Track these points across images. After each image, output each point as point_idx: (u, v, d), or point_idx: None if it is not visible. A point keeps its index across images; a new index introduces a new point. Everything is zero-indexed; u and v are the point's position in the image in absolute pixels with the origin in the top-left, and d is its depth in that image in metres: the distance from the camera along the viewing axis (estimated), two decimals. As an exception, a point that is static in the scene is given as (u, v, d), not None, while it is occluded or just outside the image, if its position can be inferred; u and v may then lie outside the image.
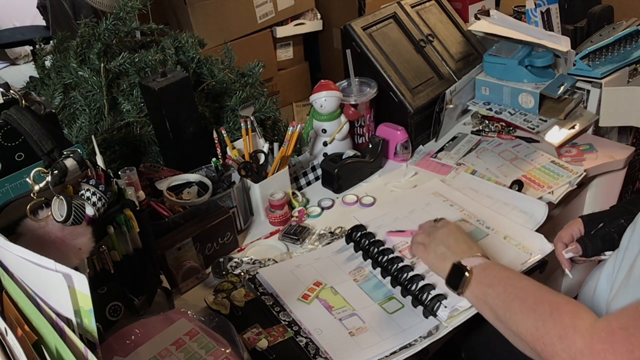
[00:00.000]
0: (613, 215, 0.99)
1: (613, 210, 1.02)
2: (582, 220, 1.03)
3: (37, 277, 0.63)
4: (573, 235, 1.02)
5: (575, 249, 0.99)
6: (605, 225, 0.98)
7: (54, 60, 1.47)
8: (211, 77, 1.48)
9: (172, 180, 1.21)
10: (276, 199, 1.22)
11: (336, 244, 1.16)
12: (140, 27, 1.56)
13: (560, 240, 1.03)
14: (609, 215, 1.01)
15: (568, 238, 1.02)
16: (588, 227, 1.01)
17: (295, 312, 0.99)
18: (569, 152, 1.37)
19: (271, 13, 2.60)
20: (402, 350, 0.91)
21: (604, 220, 0.99)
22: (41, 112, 0.91)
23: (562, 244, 1.02)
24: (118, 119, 1.35)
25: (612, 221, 0.98)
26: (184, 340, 0.82)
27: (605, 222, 0.99)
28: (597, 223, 1.00)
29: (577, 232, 1.02)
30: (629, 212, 0.97)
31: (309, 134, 1.41)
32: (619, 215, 0.98)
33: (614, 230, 0.96)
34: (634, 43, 1.48)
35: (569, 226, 1.03)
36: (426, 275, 1.03)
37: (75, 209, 0.74)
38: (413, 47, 1.50)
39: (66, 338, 0.59)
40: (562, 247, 1.01)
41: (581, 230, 1.01)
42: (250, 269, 1.10)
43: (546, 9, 1.58)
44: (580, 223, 1.02)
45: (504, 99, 1.46)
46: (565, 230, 1.03)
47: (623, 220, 0.96)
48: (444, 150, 1.44)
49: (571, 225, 1.03)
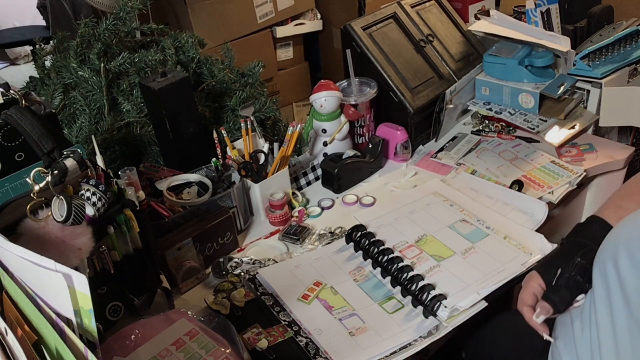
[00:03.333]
0: (566, 256, 0.90)
1: (565, 250, 0.91)
2: (538, 273, 0.92)
3: (37, 277, 0.63)
4: (535, 293, 0.90)
5: (544, 310, 0.87)
6: (564, 271, 0.88)
7: (54, 60, 1.47)
8: (211, 77, 1.48)
9: (172, 180, 1.21)
10: (276, 199, 1.22)
11: (336, 244, 1.16)
12: (140, 27, 1.56)
13: (524, 304, 0.91)
14: (563, 257, 0.90)
15: (531, 299, 0.90)
16: (546, 278, 0.90)
17: (295, 312, 0.99)
18: (569, 152, 1.37)
19: (271, 13, 2.60)
20: (402, 350, 0.91)
21: (561, 265, 0.89)
22: (41, 112, 0.91)
23: (527, 308, 0.90)
24: (118, 119, 1.35)
25: (568, 264, 0.88)
26: (184, 341, 0.82)
27: (562, 266, 0.89)
28: (555, 270, 0.89)
29: (538, 288, 0.91)
30: (581, 245, 0.89)
31: (309, 134, 1.41)
32: (572, 253, 0.89)
33: (574, 273, 0.87)
34: (634, 43, 1.48)
35: (527, 284, 0.92)
36: (426, 275, 1.03)
37: (75, 209, 0.74)
38: (413, 47, 1.50)
39: (66, 338, 0.59)
40: (530, 311, 0.90)
41: (541, 285, 0.90)
42: (250, 269, 1.10)
43: (546, 9, 1.59)
44: (538, 276, 0.91)
45: (504, 99, 1.46)
46: (525, 291, 0.92)
47: (579, 258, 0.87)
48: (444, 150, 1.44)
49: (529, 282, 0.92)
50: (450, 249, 1.10)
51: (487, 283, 1.00)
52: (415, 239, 1.13)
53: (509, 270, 1.03)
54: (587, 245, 0.88)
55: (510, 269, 1.03)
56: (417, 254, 1.09)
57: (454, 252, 1.09)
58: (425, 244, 1.12)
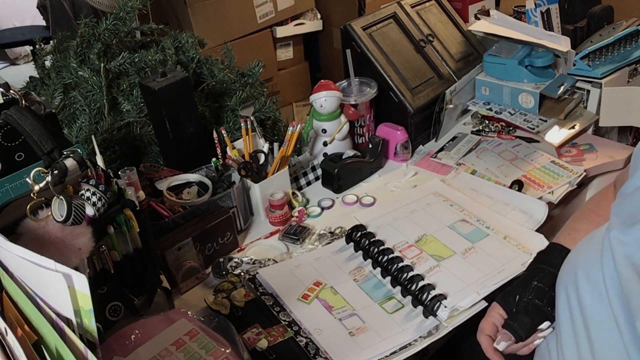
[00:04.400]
0: (524, 282, 0.89)
1: (523, 277, 0.91)
2: (498, 303, 0.90)
3: (37, 277, 0.63)
4: (495, 323, 0.89)
5: (504, 337, 0.85)
6: (521, 296, 0.87)
7: (54, 60, 1.47)
8: (211, 77, 1.48)
9: (172, 180, 1.21)
10: (276, 199, 1.22)
11: (336, 244, 1.16)
12: (140, 27, 1.56)
13: (482, 334, 0.88)
14: (520, 284, 0.89)
15: (491, 329, 0.88)
16: (506, 306, 0.89)
17: (295, 312, 0.99)
18: (569, 152, 1.37)
19: (271, 13, 2.60)
20: (402, 350, 0.91)
21: (518, 292, 0.88)
22: (41, 112, 0.91)
23: (485, 337, 0.88)
24: (118, 119, 1.35)
25: (525, 288, 0.87)
26: (184, 341, 0.82)
27: (520, 293, 0.87)
28: (513, 298, 0.88)
29: (498, 317, 0.89)
30: (539, 270, 0.88)
31: (309, 134, 1.41)
32: (530, 278, 0.88)
33: (532, 296, 0.85)
34: (634, 43, 1.48)
35: (488, 315, 0.90)
36: (426, 275, 1.03)
37: (75, 209, 0.74)
38: (413, 47, 1.50)
39: (66, 338, 0.59)
40: (487, 340, 0.87)
41: (501, 314, 0.89)
42: (250, 269, 1.10)
43: (546, 9, 1.59)
44: (498, 306, 0.90)
45: (504, 99, 1.46)
46: (485, 321, 0.90)
47: (536, 281, 0.86)
48: (444, 150, 1.44)
49: (490, 313, 0.90)
50: (450, 249, 1.10)
51: (487, 283, 1.00)
52: (415, 239, 1.13)
53: (509, 270, 1.03)
54: (544, 270, 0.87)
55: (510, 269, 1.03)
56: (417, 254, 1.09)
57: (454, 252, 1.09)
58: (425, 244, 1.12)
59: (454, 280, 1.02)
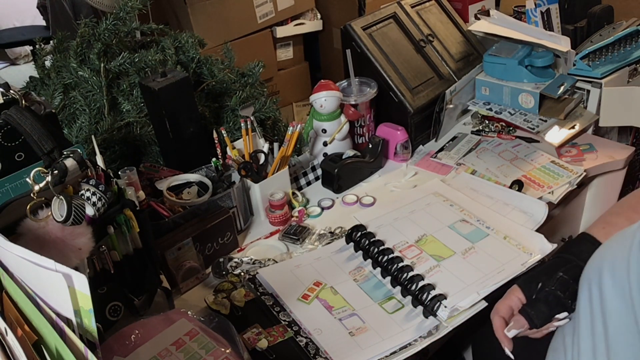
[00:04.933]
0: (549, 270, 0.87)
1: (549, 265, 0.89)
2: (519, 287, 0.89)
3: (37, 277, 0.63)
4: (512, 307, 0.88)
5: (518, 324, 0.84)
6: (544, 285, 0.85)
7: (54, 60, 1.47)
8: (211, 77, 1.48)
9: (172, 180, 1.21)
10: (276, 199, 1.22)
11: (336, 244, 1.16)
12: (140, 27, 1.55)
13: (497, 315, 0.87)
14: (545, 271, 0.88)
15: (507, 312, 0.87)
16: (527, 292, 0.88)
17: (295, 312, 0.99)
18: (569, 152, 1.37)
19: (271, 13, 2.60)
20: (402, 350, 0.91)
21: (541, 279, 0.86)
22: (41, 112, 0.91)
23: (499, 318, 0.87)
24: (118, 119, 1.35)
25: (550, 278, 0.85)
26: (184, 341, 0.82)
27: (543, 280, 0.86)
28: (535, 284, 0.86)
29: (517, 301, 0.88)
30: (566, 261, 0.87)
31: (309, 134, 1.41)
32: (555, 268, 0.87)
33: (554, 287, 0.84)
34: (634, 43, 1.48)
35: (507, 297, 0.89)
36: (426, 275, 1.03)
37: (75, 209, 0.74)
38: (413, 47, 1.50)
39: (66, 338, 0.59)
40: (502, 323, 0.87)
41: (521, 299, 0.88)
42: (250, 269, 1.10)
43: (546, 9, 1.58)
44: (518, 290, 0.89)
45: (504, 99, 1.46)
46: (503, 303, 0.89)
47: (562, 272, 0.85)
48: (444, 150, 1.44)
49: (509, 296, 0.89)
50: (450, 249, 1.10)
51: (487, 283, 1.00)
52: (415, 239, 1.13)
53: (509, 270, 1.03)
54: (572, 261, 0.86)
55: (510, 269, 1.03)
56: (417, 254, 1.09)
57: (454, 252, 1.09)
58: (425, 244, 1.12)
59: (454, 280, 1.02)
